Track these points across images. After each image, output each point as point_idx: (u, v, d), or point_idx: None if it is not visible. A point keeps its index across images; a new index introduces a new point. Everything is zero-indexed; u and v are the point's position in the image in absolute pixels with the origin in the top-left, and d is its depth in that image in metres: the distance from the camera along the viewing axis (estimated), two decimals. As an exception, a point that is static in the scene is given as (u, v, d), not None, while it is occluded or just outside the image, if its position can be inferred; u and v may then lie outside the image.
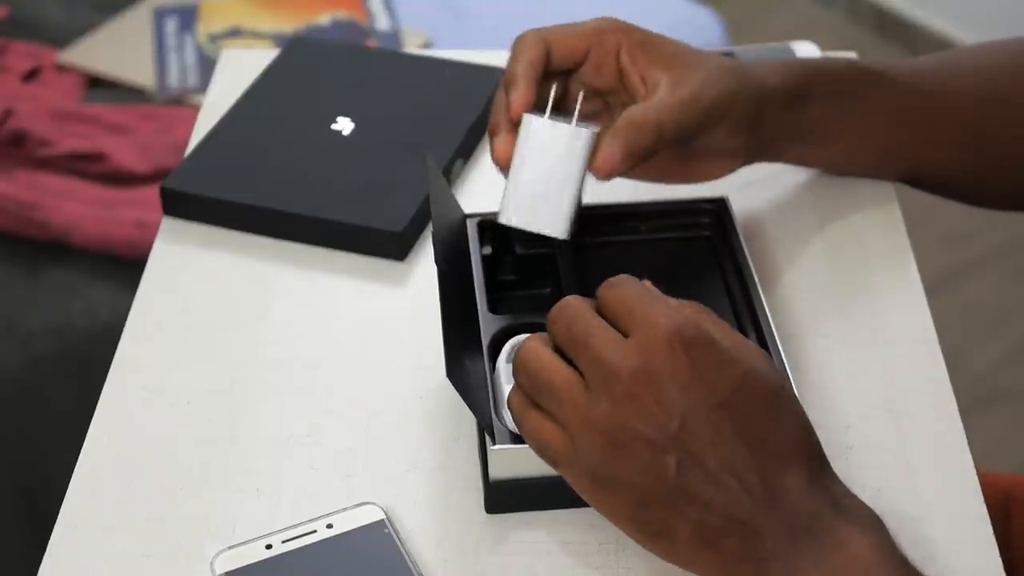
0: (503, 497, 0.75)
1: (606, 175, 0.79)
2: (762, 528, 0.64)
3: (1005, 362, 2.15)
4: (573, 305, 0.68)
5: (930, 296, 0.89)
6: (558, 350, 0.68)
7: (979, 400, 2.08)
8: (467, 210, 0.89)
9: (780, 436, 0.65)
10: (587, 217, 0.87)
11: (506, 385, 0.77)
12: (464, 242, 0.86)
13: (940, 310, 2.20)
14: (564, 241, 0.81)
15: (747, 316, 0.82)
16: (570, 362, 0.67)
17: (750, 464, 0.64)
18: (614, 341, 0.66)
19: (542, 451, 0.67)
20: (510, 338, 0.80)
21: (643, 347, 0.65)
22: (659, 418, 0.64)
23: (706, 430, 0.64)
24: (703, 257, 0.87)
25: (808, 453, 0.66)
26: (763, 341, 0.79)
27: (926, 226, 2.38)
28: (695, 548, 0.64)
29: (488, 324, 0.81)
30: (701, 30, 1.92)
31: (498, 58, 1.09)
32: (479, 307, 0.82)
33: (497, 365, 0.78)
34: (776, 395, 0.66)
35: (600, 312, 0.68)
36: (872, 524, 0.65)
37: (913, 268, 0.91)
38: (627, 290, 0.67)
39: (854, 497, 0.66)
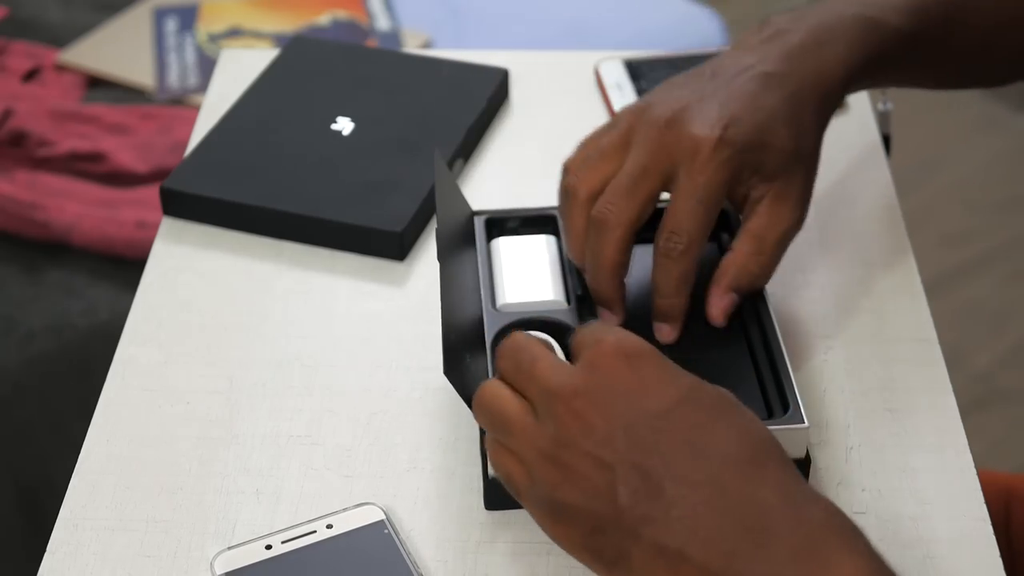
0: (503, 494, 0.75)
1: (723, 320, 0.80)
2: (728, 546, 0.60)
3: (1005, 362, 2.15)
4: (518, 338, 0.68)
5: (930, 296, 0.89)
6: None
7: (979, 400, 2.08)
8: (467, 210, 0.89)
9: (735, 444, 0.62)
10: None
11: None
12: (470, 239, 0.86)
13: (940, 310, 2.21)
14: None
15: (752, 317, 0.81)
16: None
17: (707, 476, 0.61)
18: (559, 366, 0.65)
19: (507, 485, 0.67)
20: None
21: (588, 364, 0.65)
22: (603, 433, 0.63)
23: (652, 440, 0.62)
24: (708, 257, 0.87)
25: (771, 461, 0.62)
26: (766, 341, 0.79)
27: (926, 226, 2.38)
28: (653, 571, 0.61)
29: (491, 321, 0.81)
30: (701, 30, 1.92)
31: (498, 58, 1.09)
32: (483, 304, 0.82)
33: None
34: (723, 402, 0.64)
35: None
36: (857, 542, 0.60)
37: (913, 268, 0.91)
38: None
39: (831, 506, 0.62)
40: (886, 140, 1.03)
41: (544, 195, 0.97)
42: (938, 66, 0.89)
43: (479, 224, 0.88)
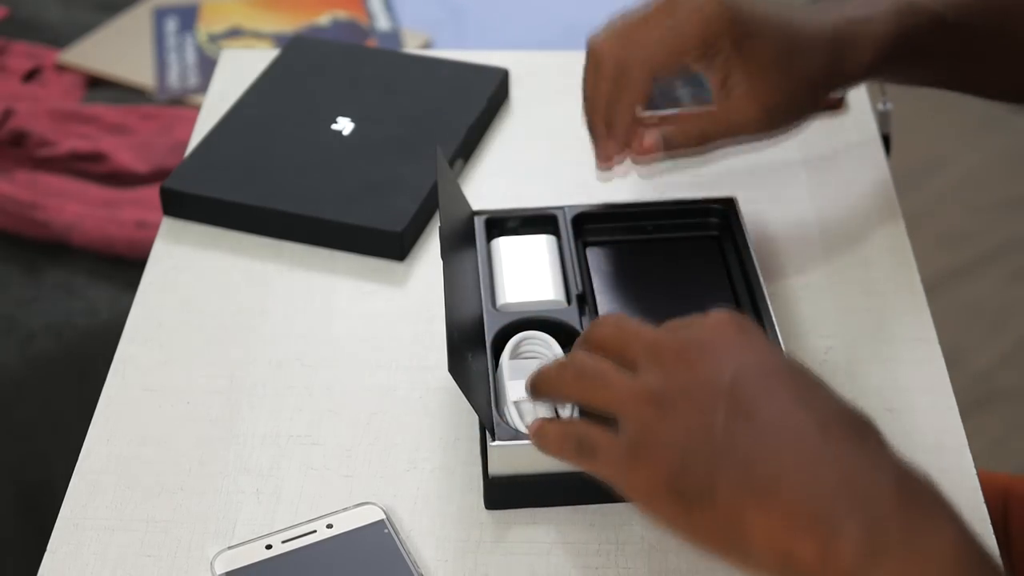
0: (502, 493, 0.75)
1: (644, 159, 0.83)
2: (823, 492, 0.59)
3: (1005, 362, 2.15)
4: (617, 314, 0.69)
5: (930, 296, 0.89)
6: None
7: (979, 400, 2.08)
8: (467, 210, 0.89)
9: (840, 409, 0.62)
10: (595, 216, 0.88)
11: (508, 381, 0.77)
12: (471, 238, 0.86)
13: (940, 310, 2.21)
14: (572, 241, 0.84)
15: (751, 316, 0.82)
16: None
17: (812, 425, 0.60)
18: (668, 327, 0.67)
19: (577, 453, 0.66)
20: (513, 334, 0.80)
21: (695, 327, 0.66)
22: (708, 377, 0.63)
23: (759, 387, 0.62)
24: (710, 257, 0.87)
25: (873, 432, 0.62)
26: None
27: (926, 226, 2.38)
28: (738, 509, 0.60)
29: (492, 320, 0.81)
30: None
31: (498, 58, 1.09)
32: (483, 304, 0.82)
33: (500, 361, 0.79)
34: (820, 379, 0.64)
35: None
36: (956, 515, 0.59)
37: (913, 268, 0.91)
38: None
39: (932, 481, 0.61)
40: (886, 140, 1.03)
41: (544, 195, 0.97)
42: (972, 64, 0.89)
43: (479, 224, 0.88)
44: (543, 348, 0.80)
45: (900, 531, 0.58)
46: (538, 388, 0.70)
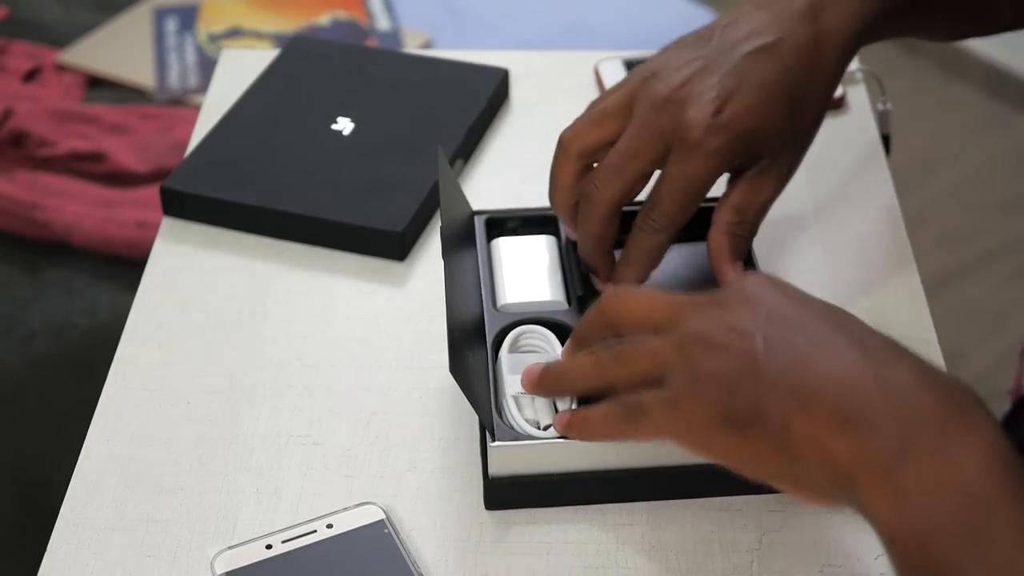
0: (502, 493, 0.75)
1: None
2: (865, 387, 0.61)
3: (1005, 362, 2.15)
4: (618, 289, 0.73)
5: (930, 296, 0.89)
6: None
7: (979, 400, 2.08)
8: (467, 210, 0.89)
9: (874, 335, 0.64)
10: None
11: (507, 375, 0.77)
12: (471, 238, 0.86)
13: (940, 310, 2.21)
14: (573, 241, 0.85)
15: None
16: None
17: (847, 341, 0.63)
18: (703, 294, 0.69)
19: (630, 412, 0.68)
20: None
21: (733, 284, 0.68)
22: (745, 314, 0.66)
23: (795, 317, 0.65)
24: (708, 258, 0.87)
25: (907, 351, 0.64)
26: None
27: (926, 226, 2.38)
28: (785, 420, 0.62)
29: (492, 320, 0.81)
30: (701, 30, 1.92)
31: (498, 58, 1.09)
32: (484, 304, 0.82)
33: (499, 355, 0.79)
34: (862, 320, 0.66)
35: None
36: (991, 416, 0.61)
37: (913, 268, 0.91)
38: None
39: (971, 392, 0.62)
40: (886, 140, 1.03)
41: (544, 195, 0.97)
42: (949, 10, 0.89)
43: (479, 224, 0.88)
44: (542, 342, 0.80)
45: (933, 431, 0.59)
46: (562, 382, 0.72)
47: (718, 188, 0.92)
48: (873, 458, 0.60)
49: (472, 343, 0.78)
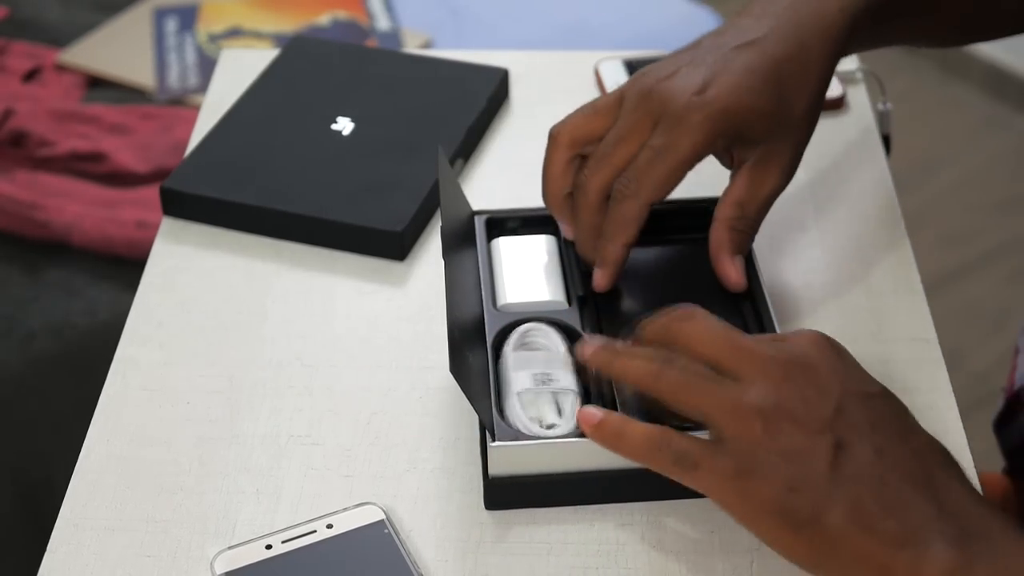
0: (502, 493, 0.75)
1: (740, 284, 0.82)
2: (924, 514, 0.63)
3: (1005, 362, 2.14)
4: (702, 313, 0.70)
5: (930, 296, 0.89)
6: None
7: (979, 400, 2.07)
8: (467, 210, 0.89)
9: (931, 441, 0.66)
10: None
11: (512, 372, 0.77)
12: (471, 238, 0.86)
13: (940, 310, 2.21)
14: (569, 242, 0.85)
15: (751, 316, 0.82)
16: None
17: (906, 452, 0.64)
18: (765, 340, 0.68)
19: (676, 458, 0.66)
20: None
21: (795, 343, 0.67)
22: (815, 400, 0.65)
23: (863, 416, 0.65)
24: (708, 257, 0.87)
25: (957, 469, 0.66)
26: (762, 327, 0.80)
27: (926, 226, 2.38)
28: (848, 534, 0.62)
29: (492, 321, 0.81)
30: (701, 30, 1.91)
31: (498, 58, 1.09)
32: (484, 304, 0.82)
33: (504, 351, 0.79)
34: (907, 408, 0.68)
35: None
36: (1018, 534, 0.64)
37: (913, 268, 0.91)
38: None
39: (998, 508, 0.65)
40: (886, 140, 1.03)
41: (544, 195, 0.97)
42: (944, 18, 0.89)
43: (479, 224, 0.88)
44: (547, 340, 0.80)
45: (984, 548, 0.62)
46: (614, 368, 0.71)
47: (718, 188, 0.92)
48: (931, 571, 0.62)
49: (472, 343, 0.78)
